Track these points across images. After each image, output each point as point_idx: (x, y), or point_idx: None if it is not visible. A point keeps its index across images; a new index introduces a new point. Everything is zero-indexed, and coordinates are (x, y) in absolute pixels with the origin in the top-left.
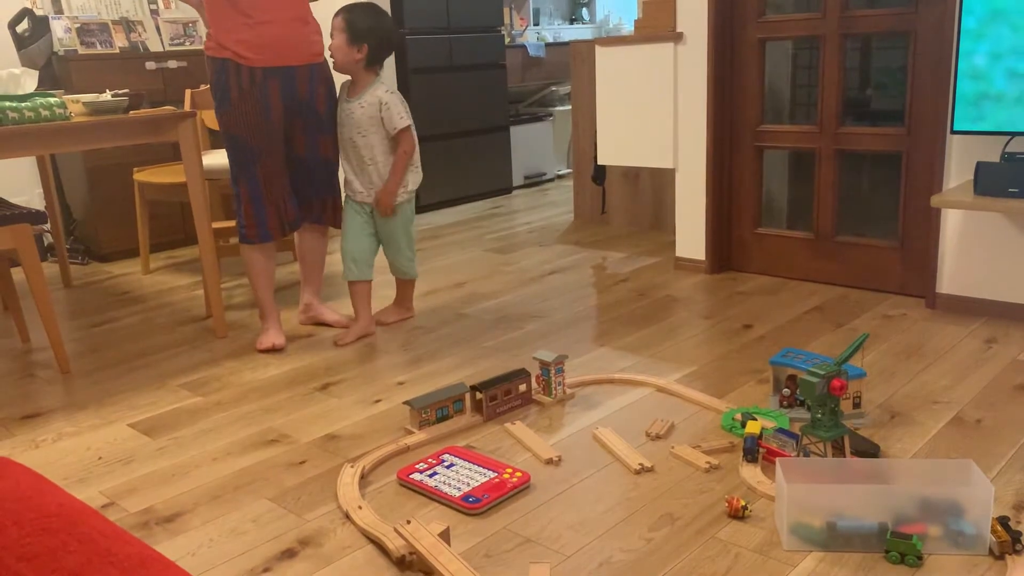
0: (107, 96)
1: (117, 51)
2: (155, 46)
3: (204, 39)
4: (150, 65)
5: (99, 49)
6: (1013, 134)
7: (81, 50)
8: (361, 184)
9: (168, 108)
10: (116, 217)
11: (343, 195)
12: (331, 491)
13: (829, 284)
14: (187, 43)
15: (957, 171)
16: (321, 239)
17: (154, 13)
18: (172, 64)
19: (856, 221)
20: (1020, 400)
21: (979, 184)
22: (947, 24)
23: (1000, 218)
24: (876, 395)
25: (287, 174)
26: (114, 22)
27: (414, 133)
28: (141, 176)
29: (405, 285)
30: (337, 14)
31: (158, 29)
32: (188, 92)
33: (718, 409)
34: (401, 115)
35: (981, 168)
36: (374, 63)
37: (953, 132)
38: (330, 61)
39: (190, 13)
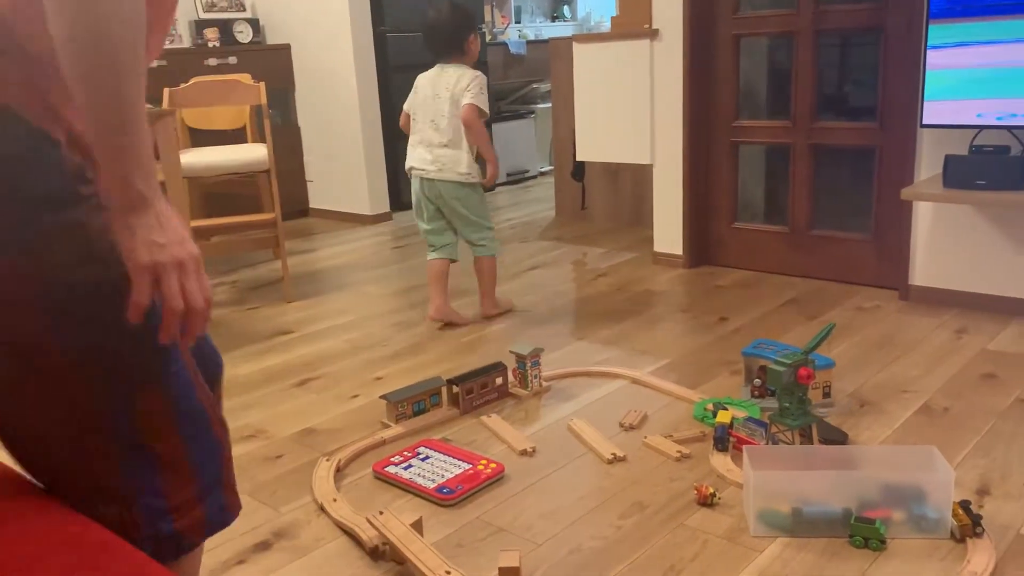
0: None
1: None
2: None
3: (182, 37)
4: None
5: None
6: (981, 127)
7: None
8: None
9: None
10: None
11: None
12: (307, 484)
13: (805, 277)
14: (166, 42)
15: (928, 165)
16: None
17: None
18: (152, 63)
19: (831, 215)
20: (987, 389)
21: (948, 177)
22: (916, 20)
23: (970, 210)
24: (847, 385)
25: None
26: None
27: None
28: None
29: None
30: None
31: None
32: (167, 90)
33: (691, 400)
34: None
35: (949, 161)
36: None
37: (923, 126)
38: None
39: None
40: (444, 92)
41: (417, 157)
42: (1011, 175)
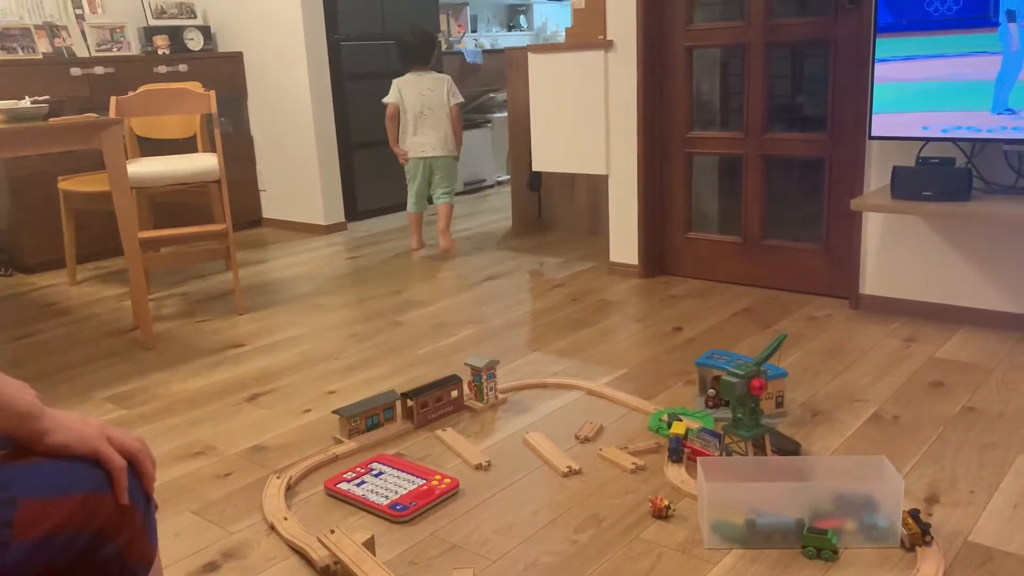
0: (26, 103)
1: (40, 57)
2: (81, 52)
3: (130, 44)
4: (75, 71)
5: (20, 55)
6: (927, 140)
7: (1, 56)
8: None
9: (90, 115)
10: (41, 227)
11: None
12: (257, 503)
13: (758, 287)
14: (115, 48)
15: (877, 175)
16: None
17: (80, 18)
18: (99, 70)
19: (783, 225)
20: (935, 397)
21: (895, 188)
22: (864, 33)
23: (918, 220)
24: (799, 394)
25: None
26: (37, 27)
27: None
28: (66, 185)
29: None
30: None
31: (84, 34)
32: (114, 99)
33: (646, 411)
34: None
35: (897, 173)
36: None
37: (871, 138)
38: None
39: (117, 18)
40: (428, 92)
41: (417, 143)
42: (956, 186)
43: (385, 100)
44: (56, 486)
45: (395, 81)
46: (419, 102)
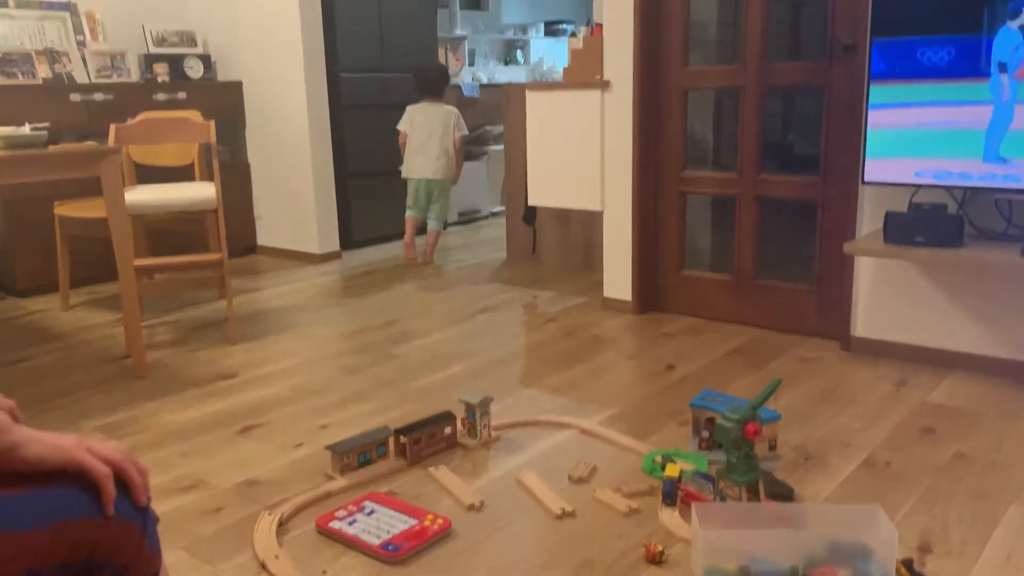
0: (26, 129)
1: (40, 82)
2: (81, 77)
3: (130, 71)
4: (74, 97)
5: (20, 79)
6: (919, 186)
7: (1, 80)
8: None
9: (90, 143)
10: (35, 251)
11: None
12: (247, 539)
13: (750, 326)
14: (115, 75)
15: (870, 218)
16: None
17: (81, 44)
18: (98, 96)
19: (776, 265)
20: (926, 442)
21: (888, 233)
22: (858, 79)
23: (909, 264)
24: (792, 437)
25: None
26: (38, 52)
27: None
28: (62, 210)
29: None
30: None
31: (84, 60)
32: (113, 126)
33: (640, 451)
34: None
35: (889, 218)
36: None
37: (864, 183)
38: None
39: (119, 45)
40: (436, 122)
41: (418, 165)
42: (948, 233)
43: (398, 127)
44: (34, 516)
45: (408, 108)
46: (426, 130)
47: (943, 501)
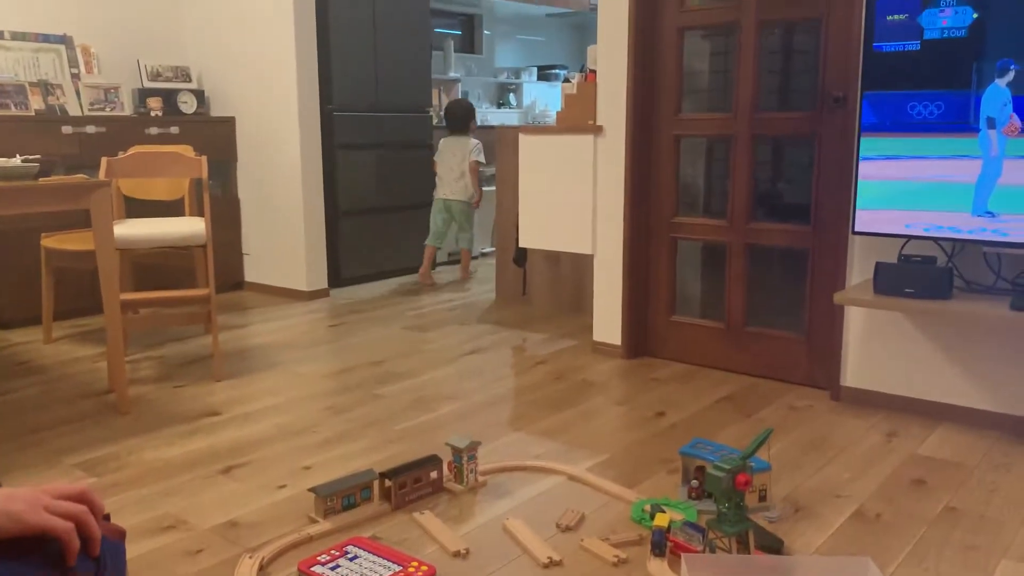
0: (17, 161)
1: (32, 113)
2: (74, 110)
3: (124, 105)
4: (66, 129)
5: (13, 111)
6: (909, 237)
7: None
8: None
9: (80, 176)
10: (19, 282)
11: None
12: None
13: (740, 373)
14: (108, 108)
15: (860, 268)
16: None
17: (75, 77)
18: (90, 129)
19: (766, 312)
20: (917, 495)
21: (878, 284)
22: (848, 130)
23: (899, 315)
24: (781, 488)
25: None
26: (32, 84)
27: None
28: (49, 242)
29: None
30: None
31: (78, 93)
32: (104, 159)
33: (629, 500)
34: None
35: (880, 269)
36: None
37: (854, 233)
38: None
39: (113, 79)
40: (459, 152)
41: (442, 188)
42: (937, 285)
43: (434, 157)
44: None
45: (441, 140)
46: (452, 160)
47: (934, 554)
